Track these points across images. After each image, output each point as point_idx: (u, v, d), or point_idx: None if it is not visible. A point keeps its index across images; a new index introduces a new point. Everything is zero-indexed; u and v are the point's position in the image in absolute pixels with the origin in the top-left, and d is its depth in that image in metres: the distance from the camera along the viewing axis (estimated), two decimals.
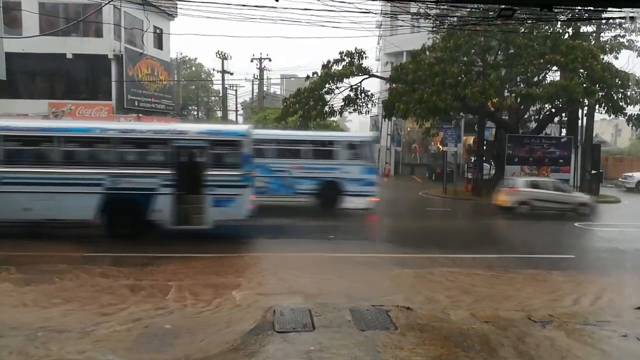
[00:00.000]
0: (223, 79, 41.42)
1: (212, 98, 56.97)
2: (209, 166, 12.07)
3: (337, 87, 23.35)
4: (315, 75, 23.75)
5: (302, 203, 18.37)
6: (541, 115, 27.27)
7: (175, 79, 41.68)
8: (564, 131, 28.60)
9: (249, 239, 13.07)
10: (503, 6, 8.37)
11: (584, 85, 20.99)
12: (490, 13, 15.86)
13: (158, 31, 32.19)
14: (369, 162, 18.18)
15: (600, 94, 21.60)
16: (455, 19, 21.12)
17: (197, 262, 10.48)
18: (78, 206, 11.68)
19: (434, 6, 18.14)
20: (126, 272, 9.39)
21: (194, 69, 55.21)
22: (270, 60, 45.29)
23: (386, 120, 27.71)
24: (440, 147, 29.39)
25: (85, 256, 10.45)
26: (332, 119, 29.87)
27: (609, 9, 11.92)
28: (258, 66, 44.63)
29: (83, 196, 11.70)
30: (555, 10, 12.99)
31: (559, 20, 19.83)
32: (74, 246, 11.19)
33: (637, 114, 23.97)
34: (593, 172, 25.65)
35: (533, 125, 28.37)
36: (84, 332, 6.44)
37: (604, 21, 22.34)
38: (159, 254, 10.79)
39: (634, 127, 26.45)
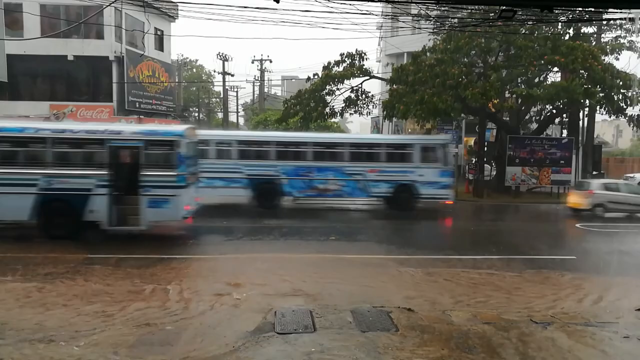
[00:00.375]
0: (224, 81, 41.46)
1: (213, 100, 57.04)
2: (145, 167, 11.86)
3: (337, 89, 23.35)
4: (316, 77, 23.78)
5: (373, 206, 18.42)
6: (542, 116, 27.27)
7: (176, 80, 41.75)
8: (564, 132, 28.57)
9: (249, 240, 13.08)
10: (504, 7, 8.38)
11: (585, 86, 20.97)
12: (490, 14, 15.87)
13: (159, 33, 32.22)
14: (444, 164, 18.10)
15: (601, 94, 21.59)
16: (455, 20, 21.12)
17: (198, 264, 10.53)
18: (12, 206, 11.56)
19: (435, 7, 18.16)
20: (128, 273, 9.43)
21: (194, 70, 55.29)
22: (271, 61, 45.55)
23: (387, 121, 27.67)
24: None
25: (88, 257, 10.47)
26: (333, 120, 29.90)
27: (610, 10, 11.94)
28: (259, 67, 44.76)
29: (17, 197, 11.56)
30: (556, 12, 12.98)
31: (560, 21, 19.82)
32: (77, 248, 11.20)
33: (638, 115, 23.96)
34: (594, 173, 25.63)
35: (534, 126, 28.37)
36: (86, 333, 6.46)
37: (604, 22, 22.33)
38: (161, 255, 10.83)
39: (635, 128, 26.39)
